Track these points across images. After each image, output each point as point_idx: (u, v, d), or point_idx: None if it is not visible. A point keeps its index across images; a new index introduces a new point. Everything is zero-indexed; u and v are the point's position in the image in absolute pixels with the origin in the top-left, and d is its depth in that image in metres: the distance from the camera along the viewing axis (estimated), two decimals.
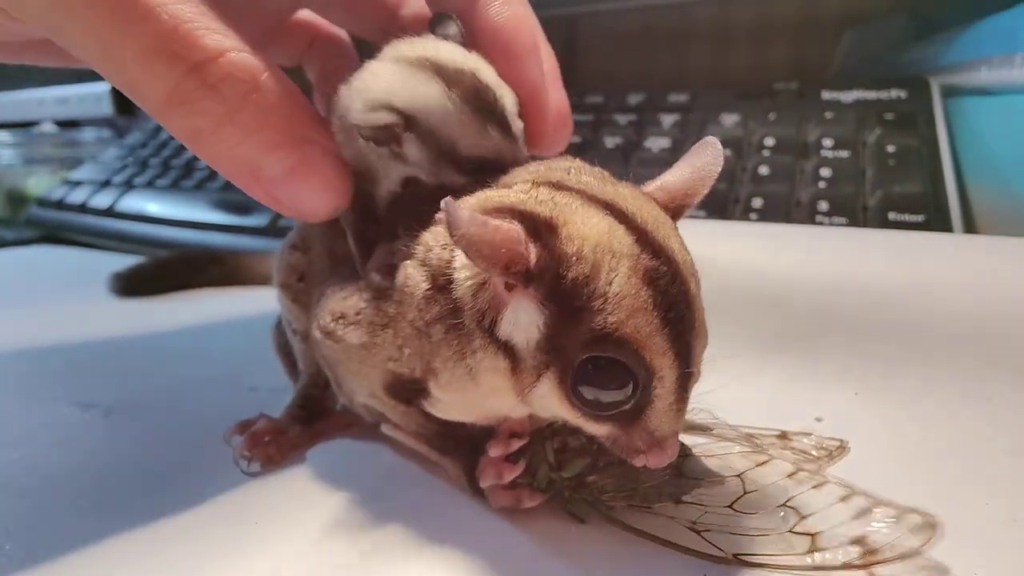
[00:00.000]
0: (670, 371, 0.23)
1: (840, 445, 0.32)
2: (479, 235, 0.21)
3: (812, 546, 0.25)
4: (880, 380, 0.37)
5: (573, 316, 0.23)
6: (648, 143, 0.67)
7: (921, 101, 0.61)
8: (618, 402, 0.23)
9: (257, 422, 0.36)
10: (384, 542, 0.28)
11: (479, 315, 0.25)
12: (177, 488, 0.33)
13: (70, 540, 0.30)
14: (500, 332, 0.24)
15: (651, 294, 0.22)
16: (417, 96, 0.27)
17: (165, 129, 0.26)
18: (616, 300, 0.22)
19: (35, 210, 0.94)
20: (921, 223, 0.51)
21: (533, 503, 0.28)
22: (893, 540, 0.25)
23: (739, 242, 0.27)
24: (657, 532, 0.27)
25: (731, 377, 0.36)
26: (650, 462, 0.24)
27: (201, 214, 0.78)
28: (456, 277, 0.25)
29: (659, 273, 0.23)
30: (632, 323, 0.22)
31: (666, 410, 0.24)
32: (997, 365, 0.37)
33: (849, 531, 0.26)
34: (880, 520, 0.26)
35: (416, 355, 0.27)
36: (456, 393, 0.27)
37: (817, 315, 0.43)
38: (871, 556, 0.25)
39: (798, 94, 0.68)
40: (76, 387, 0.45)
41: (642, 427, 0.24)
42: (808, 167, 0.59)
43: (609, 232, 0.23)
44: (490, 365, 0.25)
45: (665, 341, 0.23)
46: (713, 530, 0.26)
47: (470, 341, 0.25)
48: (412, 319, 0.26)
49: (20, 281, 0.73)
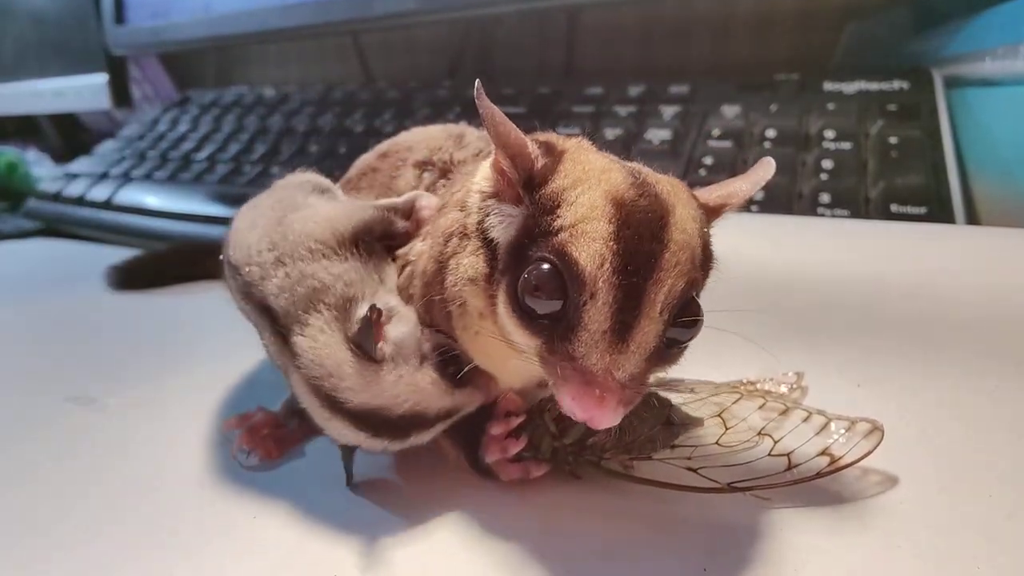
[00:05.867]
0: (604, 289, 0.22)
1: (797, 377, 0.37)
2: (503, 126, 0.25)
3: (789, 464, 0.30)
4: (882, 372, 0.37)
5: (541, 221, 0.24)
6: (648, 135, 0.66)
7: (924, 92, 0.61)
8: (551, 315, 0.23)
9: (255, 415, 0.36)
10: (384, 536, 0.28)
11: (482, 216, 0.27)
12: (174, 482, 0.33)
13: (67, 535, 0.30)
14: (487, 225, 0.26)
15: (612, 211, 0.23)
16: None
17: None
18: (576, 207, 0.23)
19: (32, 203, 0.93)
20: (923, 215, 0.51)
21: (540, 472, 0.30)
22: (851, 446, 0.30)
23: (740, 234, 0.27)
24: (659, 478, 0.29)
25: (733, 370, 0.36)
26: (570, 406, 0.23)
27: (199, 207, 0.78)
28: (471, 191, 0.28)
29: (634, 206, 0.23)
30: (581, 228, 0.23)
31: (596, 336, 0.22)
32: (999, 357, 0.37)
33: (815, 446, 0.30)
34: (836, 432, 0.31)
35: (442, 303, 0.28)
36: (468, 342, 0.28)
37: (819, 307, 0.43)
38: (836, 463, 0.29)
39: (800, 85, 0.67)
40: (72, 382, 0.45)
41: (572, 349, 0.23)
42: (810, 159, 0.58)
43: (606, 168, 0.25)
44: (472, 273, 0.26)
45: (608, 253, 0.22)
46: (707, 466, 0.29)
47: (468, 245, 0.27)
48: (439, 249, 0.29)
49: (17, 274, 0.73)
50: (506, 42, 1.02)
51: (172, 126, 1.01)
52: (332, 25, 0.84)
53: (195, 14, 0.95)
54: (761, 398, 0.33)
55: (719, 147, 0.62)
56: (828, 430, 0.31)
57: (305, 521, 0.29)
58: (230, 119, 0.97)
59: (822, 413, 0.32)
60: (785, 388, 0.36)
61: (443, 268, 0.28)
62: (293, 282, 0.29)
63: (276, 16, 0.86)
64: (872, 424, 0.30)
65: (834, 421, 0.31)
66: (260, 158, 0.83)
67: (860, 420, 0.31)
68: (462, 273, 0.27)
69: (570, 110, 0.73)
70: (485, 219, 0.27)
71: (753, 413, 0.32)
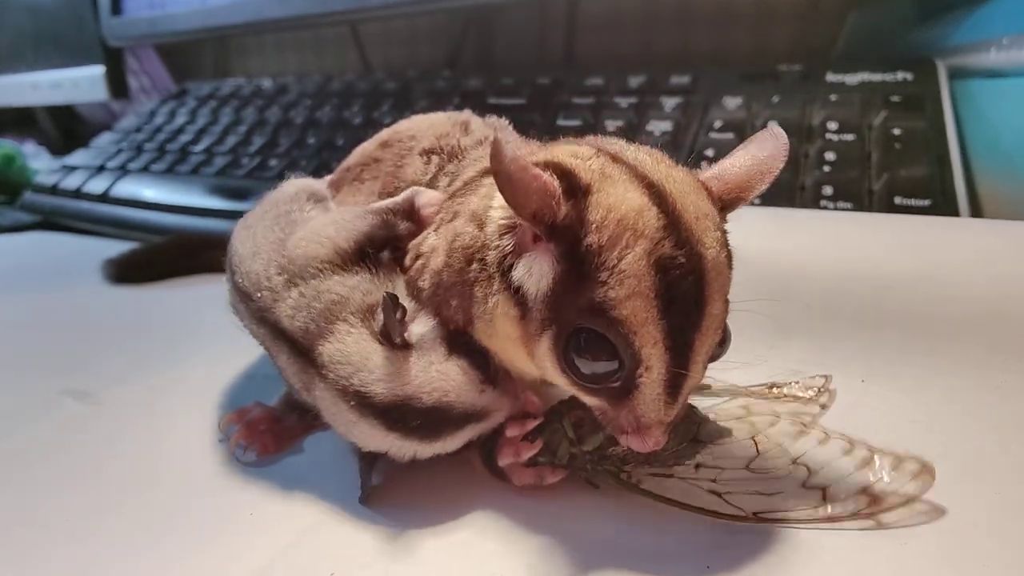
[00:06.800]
0: (659, 363, 0.23)
1: (824, 381, 0.34)
2: (517, 176, 0.22)
3: (824, 499, 0.27)
4: (887, 367, 0.37)
5: (580, 281, 0.23)
6: (650, 126, 0.65)
7: (928, 83, 0.60)
8: (603, 377, 0.24)
9: (252, 410, 0.35)
10: (382, 532, 0.28)
11: (501, 255, 0.25)
12: (170, 478, 0.33)
13: (61, 530, 0.29)
14: (514, 274, 0.25)
15: (658, 282, 0.22)
16: None
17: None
18: (620, 277, 0.22)
19: (29, 196, 0.93)
20: (927, 207, 0.50)
21: (555, 479, 0.29)
22: (895, 488, 0.27)
23: (742, 227, 0.27)
24: (679, 497, 0.28)
25: (735, 365, 0.35)
26: (631, 444, 0.25)
27: (197, 199, 0.77)
28: (490, 215, 0.26)
29: (674, 263, 0.23)
30: (629, 305, 0.22)
31: (653, 399, 0.24)
32: (1005, 351, 0.37)
33: (855, 482, 0.28)
34: (881, 469, 0.28)
35: (460, 306, 0.28)
36: (486, 340, 0.28)
37: (822, 301, 0.42)
38: (876, 504, 0.27)
39: (802, 76, 0.67)
40: (68, 375, 0.44)
41: (629, 409, 0.24)
42: (812, 151, 0.58)
43: (639, 211, 0.23)
44: (503, 310, 0.25)
45: (659, 332, 0.23)
46: (732, 491, 0.28)
47: (491, 283, 0.26)
48: (456, 261, 0.27)
49: (13, 267, 0.72)
50: (506, 32, 1.01)
51: (169, 118, 1.00)
52: (330, 15, 0.84)
53: (192, 5, 0.94)
54: (800, 424, 0.31)
55: (721, 139, 0.61)
56: (872, 466, 0.28)
57: (303, 517, 0.29)
58: (228, 111, 0.96)
59: (867, 445, 0.29)
60: (812, 393, 0.34)
61: (466, 289, 0.27)
62: (309, 300, 0.29)
63: (274, 6, 0.85)
64: (921, 464, 0.27)
65: (878, 456, 0.28)
66: (258, 150, 0.83)
67: (909, 458, 0.28)
68: (491, 308, 0.26)
69: (570, 101, 0.73)
70: (505, 260, 0.25)
71: (790, 438, 0.30)
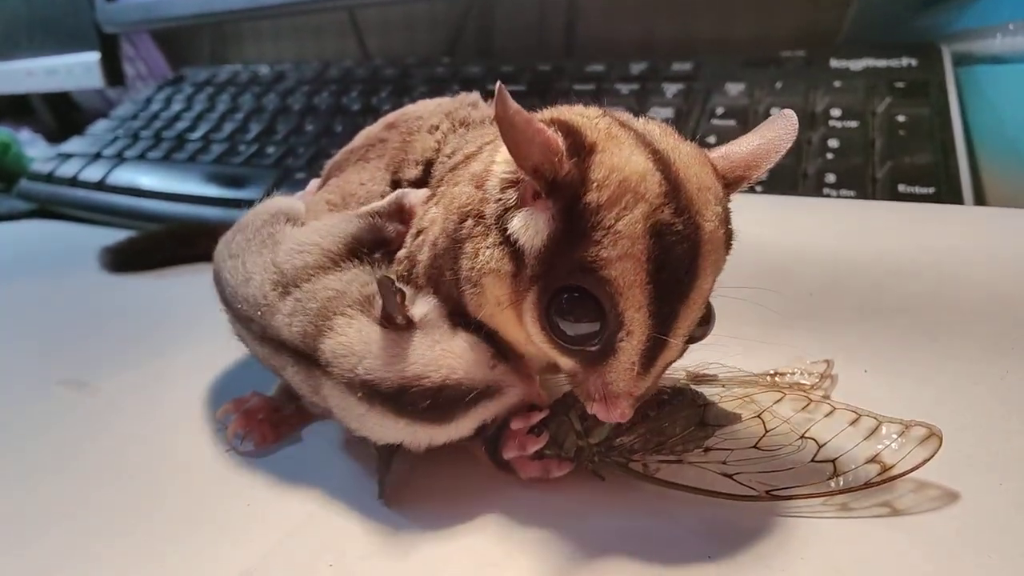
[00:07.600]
0: (640, 328, 0.23)
1: (826, 367, 0.35)
2: (521, 127, 0.22)
3: (835, 471, 0.27)
4: (890, 357, 0.36)
5: (574, 239, 0.23)
6: (651, 113, 0.65)
7: (932, 69, 0.59)
8: (581, 338, 0.24)
9: (250, 400, 0.35)
10: (382, 523, 0.27)
11: (501, 209, 0.25)
12: (167, 468, 0.33)
13: (57, 519, 0.29)
14: (510, 226, 0.24)
15: (651, 246, 0.22)
16: None
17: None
18: (615, 238, 0.22)
19: (25, 183, 0.92)
20: (931, 195, 0.50)
21: (562, 472, 0.29)
22: (904, 454, 0.27)
23: (744, 215, 0.26)
24: (690, 482, 0.28)
25: (737, 354, 0.35)
26: (597, 413, 0.24)
27: (193, 187, 0.76)
28: (492, 170, 0.26)
29: (670, 230, 0.22)
30: (620, 266, 0.22)
31: (627, 367, 0.23)
32: (1010, 341, 0.36)
33: (864, 452, 0.28)
34: (888, 437, 0.28)
35: (453, 278, 0.27)
36: (476, 311, 0.27)
37: (825, 291, 0.42)
38: (888, 471, 0.27)
39: (805, 62, 0.66)
40: (64, 365, 0.44)
41: (600, 375, 0.24)
42: (815, 137, 0.57)
43: (642, 174, 0.23)
44: (495, 266, 0.25)
45: (646, 298, 0.22)
46: (743, 472, 0.28)
47: (486, 237, 0.25)
48: (452, 223, 0.27)
49: (9, 256, 0.72)
50: (506, 18, 1.00)
51: (166, 105, 0.99)
52: (328, 1, 0.83)
53: None
54: (805, 398, 0.31)
55: (723, 125, 0.61)
56: (879, 434, 0.29)
57: (301, 507, 0.29)
58: (225, 98, 0.95)
59: (872, 415, 0.29)
60: (815, 379, 0.34)
61: (457, 248, 0.27)
62: (304, 303, 0.29)
63: None
64: (928, 429, 0.28)
65: (885, 424, 0.29)
66: (255, 137, 0.82)
67: (915, 424, 0.28)
68: (482, 263, 0.25)
69: (571, 88, 0.72)
70: (505, 214, 0.25)
71: (796, 414, 0.30)
